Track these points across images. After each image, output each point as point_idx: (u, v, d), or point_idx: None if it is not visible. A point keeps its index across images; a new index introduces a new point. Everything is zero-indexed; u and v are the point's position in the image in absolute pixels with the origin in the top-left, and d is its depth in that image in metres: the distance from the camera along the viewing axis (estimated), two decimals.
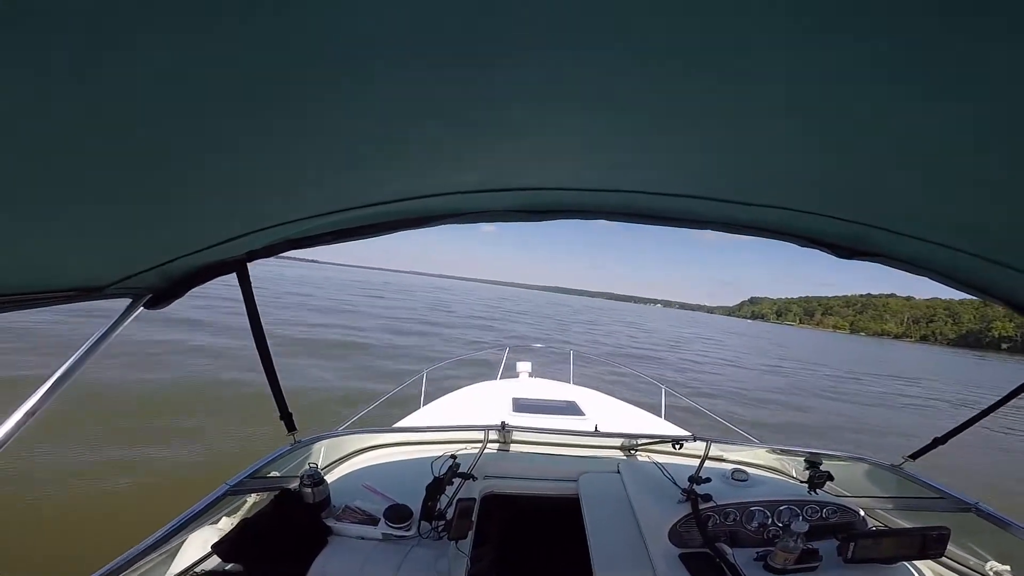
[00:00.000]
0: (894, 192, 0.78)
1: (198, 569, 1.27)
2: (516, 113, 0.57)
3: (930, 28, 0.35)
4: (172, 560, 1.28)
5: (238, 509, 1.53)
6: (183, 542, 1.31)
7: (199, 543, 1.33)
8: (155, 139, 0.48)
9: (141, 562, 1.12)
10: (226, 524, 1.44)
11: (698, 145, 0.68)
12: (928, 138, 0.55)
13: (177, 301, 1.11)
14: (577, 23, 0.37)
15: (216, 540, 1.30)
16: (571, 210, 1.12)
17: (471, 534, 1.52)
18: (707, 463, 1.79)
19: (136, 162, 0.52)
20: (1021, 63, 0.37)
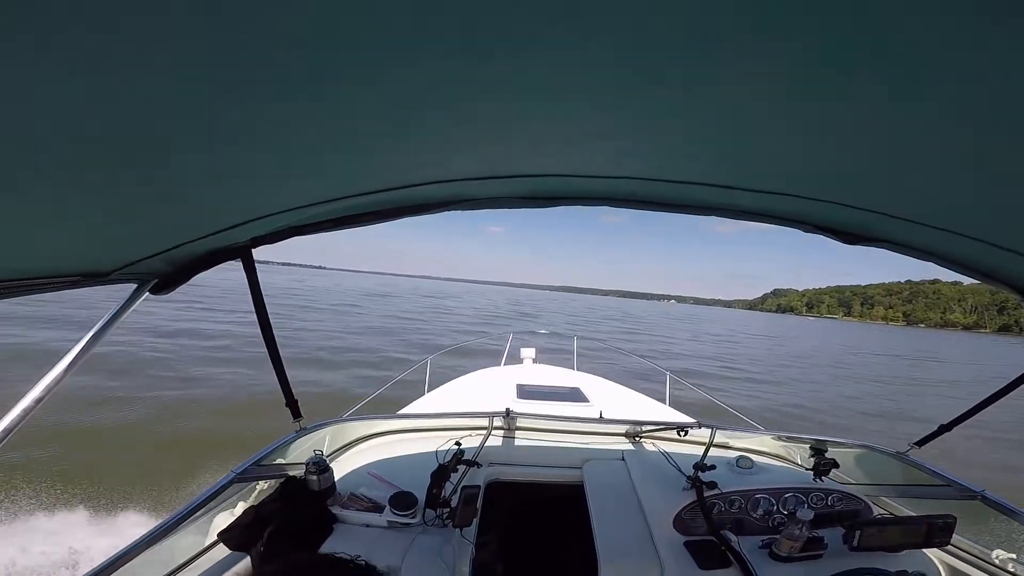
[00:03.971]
0: (898, 179, 0.83)
1: (204, 557, 1.36)
2: (518, 102, 0.60)
3: (929, 17, 0.38)
4: (178, 548, 1.35)
5: (244, 497, 1.60)
6: (189, 530, 1.38)
7: (205, 531, 1.41)
8: (158, 127, 0.52)
9: (147, 551, 1.17)
10: (232, 512, 1.51)
11: (702, 132, 0.72)
12: (930, 125, 0.59)
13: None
14: (580, 13, 0.39)
15: (222, 528, 1.38)
16: (574, 197, 1.16)
17: (476, 521, 1.61)
18: (712, 450, 1.88)
19: (140, 150, 0.56)
20: (1019, 49, 0.40)
